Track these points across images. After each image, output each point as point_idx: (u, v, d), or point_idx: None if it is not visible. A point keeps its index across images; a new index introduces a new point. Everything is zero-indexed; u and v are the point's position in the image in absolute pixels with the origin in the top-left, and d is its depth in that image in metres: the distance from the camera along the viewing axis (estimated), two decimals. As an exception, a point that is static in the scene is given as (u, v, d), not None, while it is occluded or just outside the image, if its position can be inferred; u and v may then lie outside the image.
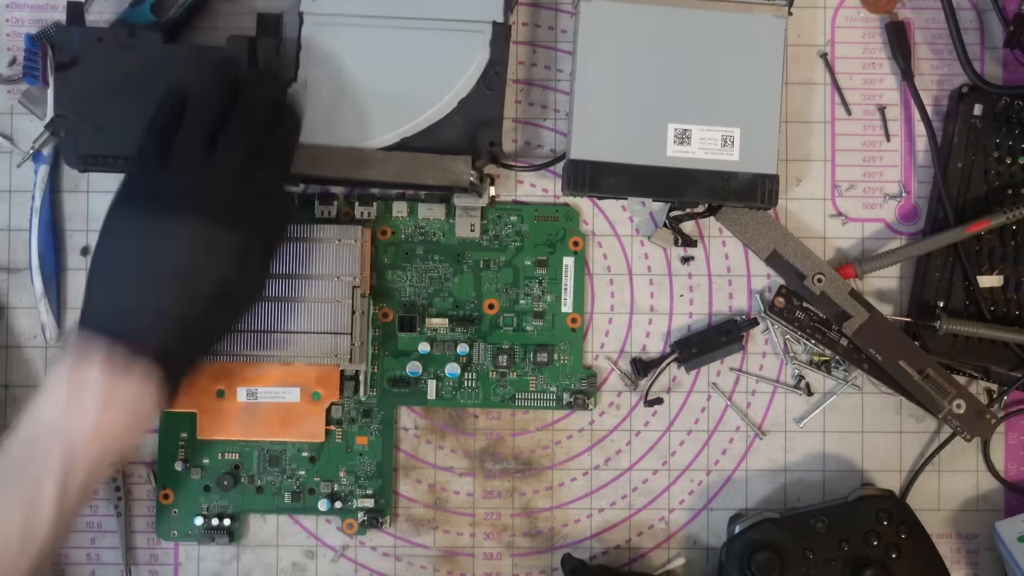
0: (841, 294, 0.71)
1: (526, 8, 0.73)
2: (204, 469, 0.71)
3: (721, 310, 0.73)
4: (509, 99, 0.73)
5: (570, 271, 0.72)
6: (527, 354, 0.72)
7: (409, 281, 0.72)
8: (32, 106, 0.71)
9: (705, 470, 0.73)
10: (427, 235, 0.72)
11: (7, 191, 0.73)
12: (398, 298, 0.72)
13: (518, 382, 0.72)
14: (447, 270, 0.72)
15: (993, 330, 0.70)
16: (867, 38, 0.74)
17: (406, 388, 0.72)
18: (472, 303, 0.72)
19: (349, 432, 0.71)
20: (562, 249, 0.72)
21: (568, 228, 0.72)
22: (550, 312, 0.72)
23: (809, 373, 0.73)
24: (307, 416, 0.70)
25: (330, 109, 0.68)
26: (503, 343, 0.72)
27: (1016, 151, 0.72)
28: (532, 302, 0.72)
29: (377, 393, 0.71)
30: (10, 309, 0.73)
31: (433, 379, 0.71)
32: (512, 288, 0.72)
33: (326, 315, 0.68)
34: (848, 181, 0.74)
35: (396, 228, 0.72)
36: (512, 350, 0.71)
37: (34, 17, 0.73)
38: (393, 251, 0.72)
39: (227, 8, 0.73)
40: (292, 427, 0.70)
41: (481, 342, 0.72)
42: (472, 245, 0.72)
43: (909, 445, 0.73)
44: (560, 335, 0.72)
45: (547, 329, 0.72)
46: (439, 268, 0.72)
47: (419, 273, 0.72)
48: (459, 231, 0.72)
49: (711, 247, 0.73)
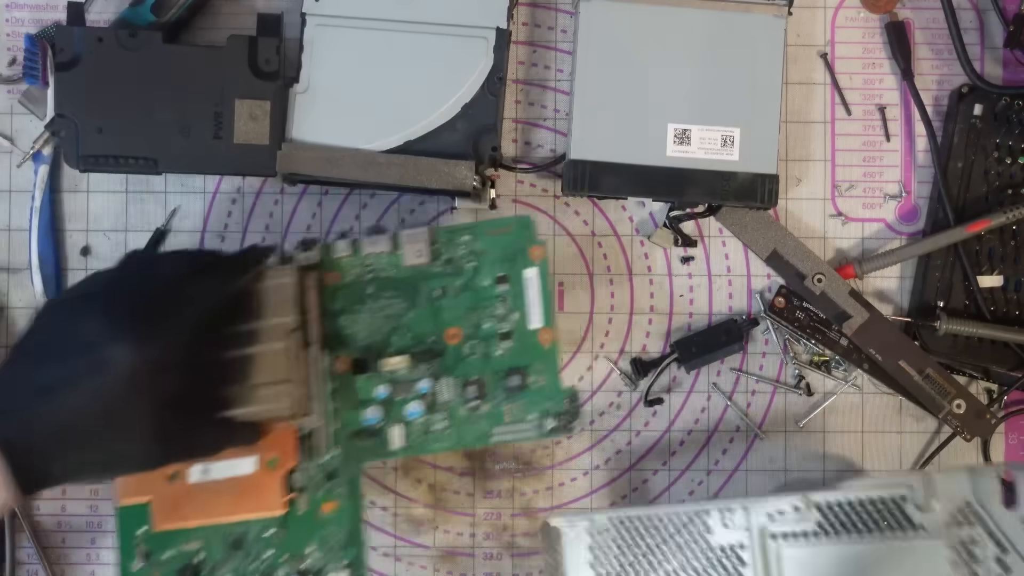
0: (841, 294, 0.71)
1: (526, 8, 0.73)
2: (164, 565, 0.64)
3: (721, 310, 0.73)
4: (509, 99, 0.73)
5: (533, 283, 0.65)
6: (499, 382, 0.64)
7: (363, 324, 0.65)
8: (32, 106, 0.71)
9: (705, 470, 0.73)
10: (376, 271, 0.66)
11: (7, 191, 0.73)
12: (354, 344, 0.65)
13: (492, 414, 0.64)
14: (401, 305, 0.65)
15: (993, 330, 0.70)
16: (867, 38, 0.74)
17: (370, 441, 0.64)
18: (432, 336, 0.65)
19: (314, 499, 0.64)
20: (522, 261, 0.65)
21: (524, 238, 0.65)
22: (518, 332, 0.65)
23: (809, 373, 0.73)
24: (264, 487, 0.63)
25: (333, 111, 0.68)
26: (471, 374, 0.64)
27: (1016, 151, 0.72)
28: (496, 323, 0.65)
29: (342, 451, 0.64)
30: (10, 309, 0.73)
31: (398, 424, 0.64)
32: (473, 312, 0.65)
33: (265, 364, 0.61)
34: (848, 181, 0.74)
35: (343, 270, 0.65)
36: (480, 380, 0.64)
37: (34, 17, 0.73)
38: (343, 295, 0.65)
39: (227, 8, 0.73)
40: (251, 500, 0.63)
41: (446, 376, 0.65)
42: (425, 274, 0.65)
43: (909, 445, 0.73)
44: (531, 354, 0.64)
45: (517, 351, 0.65)
46: (392, 304, 0.65)
47: (372, 313, 0.65)
48: (407, 260, 0.65)
49: (711, 247, 0.73)
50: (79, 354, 0.54)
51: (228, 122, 0.68)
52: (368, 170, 0.68)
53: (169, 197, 0.73)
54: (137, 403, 0.55)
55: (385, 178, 0.68)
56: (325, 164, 0.68)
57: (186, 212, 0.73)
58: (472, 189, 0.68)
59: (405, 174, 0.68)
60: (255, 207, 0.73)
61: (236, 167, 0.69)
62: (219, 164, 0.69)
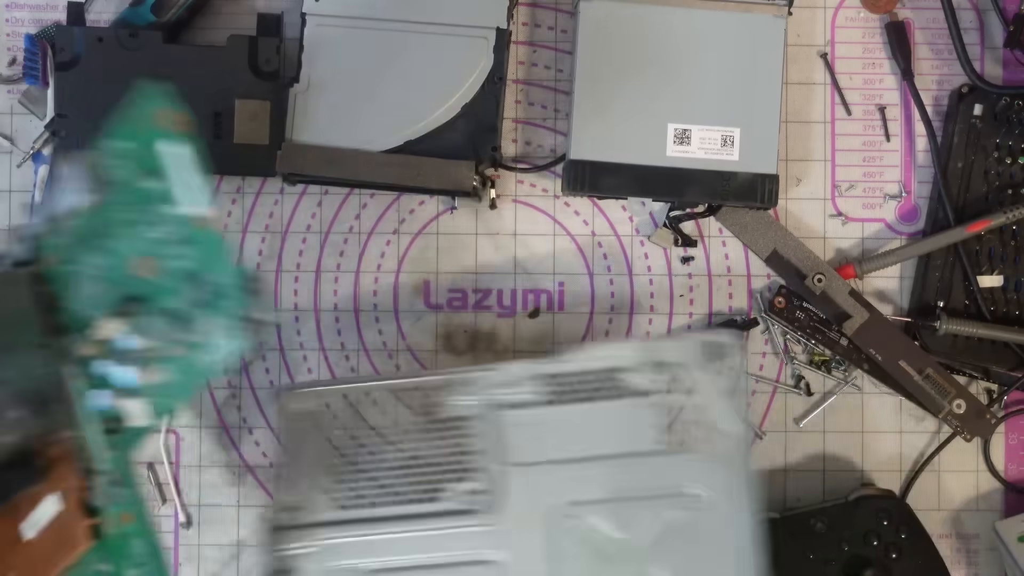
0: (841, 294, 0.71)
1: (526, 8, 0.73)
2: None
3: (721, 310, 0.73)
4: (509, 99, 0.73)
5: (180, 159, 0.52)
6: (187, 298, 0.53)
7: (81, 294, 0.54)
8: (32, 106, 0.71)
9: (705, 470, 0.73)
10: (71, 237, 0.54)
11: (7, 191, 0.73)
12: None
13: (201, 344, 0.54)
14: (95, 256, 0.53)
15: (993, 330, 0.70)
16: (867, 38, 0.74)
17: (118, 423, 0.54)
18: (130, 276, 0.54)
19: (114, 514, 0.54)
20: (159, 134, 0.52)
21: (152, 106, 0.53)
22: (182, 223, 0.53)
23: (809, 373, 0.73)
24: (68, 522, 0.53)
25: (333, 111, 0.68)
26: (170, 305, 0.53)
27: (1016, 151, 0.72)
28: (165, 227, 0.53)
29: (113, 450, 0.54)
30: (10, 309, 0.73)
31: (131, 397, 0.54)
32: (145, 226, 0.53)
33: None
34: (848, 181, 0.74)
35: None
36: (182, 312, 0.53)
37: (34, 17, 0.73)
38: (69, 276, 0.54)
39: (227, 8, 0.73)
40: (62, 545, 0.53)
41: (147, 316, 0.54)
42: (99, 213, 0.53)
43: (909, 445, 0.73)
44: (203, 248, 0.53)
45: (192, 252, 0.53)
46: (91, 260, 0.53)
47: (81, 281, 0.53)
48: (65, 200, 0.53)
49: (711, 247, 0.73)
50: None
51: (228, 122, 0.68)
52: (368, 170, 0.68)
53: (169, 197, 0.73)
54: None
55: (385, 178, 0.68)
56: (325, 164, 0.68)
57: (186, 212, 0.73)
58: (472, 189, 0.68)
59: (405, 174, 0.68)
60: (255, 207, 0.73)
61: (236, 167, 0.69)
62: (219, 164, 0.69)
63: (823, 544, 0.67)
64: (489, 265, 0.73)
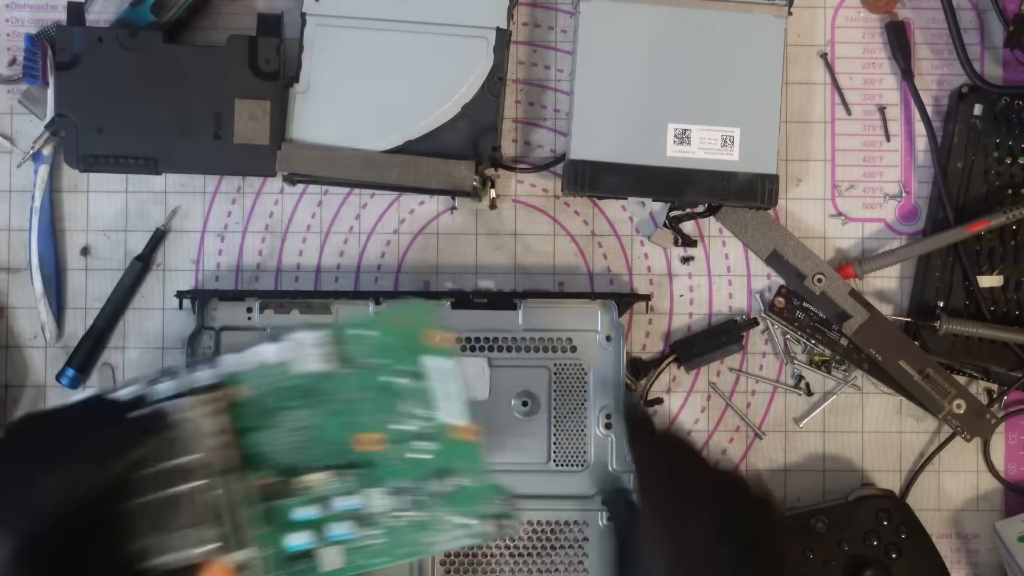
0: (841, 294, 0.71)
1: (526, 8, 0.73)
2: None
3: (721, 310, 0.73)
4: (509, 99, 0.73)
5: (439, 373, 0.57)
6: (425, 486, 0.57)
7: (274, 440, 0.57)
8: (32, 106, 0.71)
9: (705, 470, 0.73)
10: (275, 383, 0.57)
11: (7, 191, 0.73)
12: (271, 463, 0.57)
13: (425, 523, 0.57)
14: (309, 414, 0.57)
15: (993, 330, 0.70)
16: (867, 38, 0.74)
17: (304, 563, 0.56)
18: (348, 446, 0.57)
19: None
20: (425, 352, 0.58)
21: (422, 325, 0.58)
22: (437, 429, 0.57)
23: (809, 373, 0.73)
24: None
25: (333, 111, 0.68)
26: (396, 481, 0.57)
27: (1016, 151, 0.72)
28: (413, 423, 0.57)
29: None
30: (10, 309, 0.73)
31: (328, 546, 0.57)
32: (388, 414, 0.58)
33: (183, 505, 0.55)
34: (848, 181, 0.74)
35: (254, 383, 0.57)
36: (408, 488, 0.57)
37: (34, 17, 0.73)
38: (248, 413, 0.57)
39: (227, 8, 0.73)
40: None
41: (371, 488, 0.57)
42: (331, 378, 0.57)
43: (909, 445, 0.73)
44: (455, 452, 0.57)
45: (439, 450, 0.57)
46: (301, 414, 0.57)
47: (281, 427, 0.57)
48: (310, 365, 0.57)
49: (711, 247, 0.73)
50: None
51: (228, 122, 0.68)
52: (368, 170, 0.68)
53: (169, 197, 0.73)
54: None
55: (385, 178, 0.68)
56: (325, 164, 0.68)
57: (186, 212, 0.73)
58: (472, 189, 0.68)
59: (405, 174, 0.68)
60: (255, 207, 0.73)
61: (236, 167, 0.69)
62: (219, 164, 0.69)
63: (823, 544, 0.67)
64: (489, 265, 0.73)
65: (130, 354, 0.72)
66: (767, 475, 0.73)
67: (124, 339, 0.72)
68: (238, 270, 0.73)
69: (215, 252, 0.73)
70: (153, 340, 0.72)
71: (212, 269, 0.73)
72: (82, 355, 0.71)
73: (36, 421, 0.58)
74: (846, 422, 0.73)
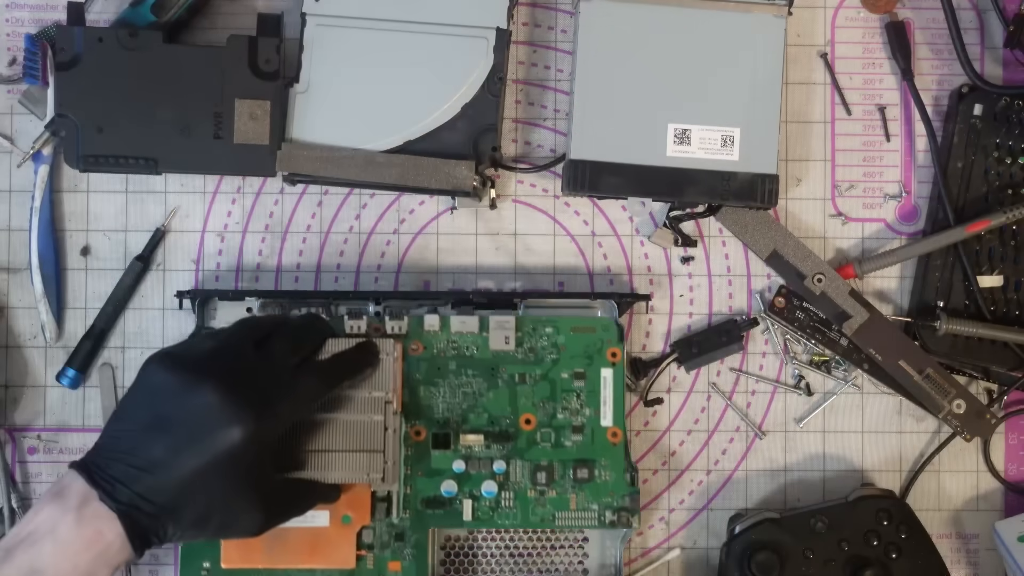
0: (841, 294, 0.71)
1: (526, 8, 0.73)
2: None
3: (721, 310, 0.73)
4: (509, 99, 0.73)
5: (608, 383, 0.69)
6: (566, 471, 0.68)
7: (442, 397, 0.68)
8: (32, 106, 0.71)
9: (705, 470, 0.73)
10: (460, 349, 0.69)
11: (7, 191, 0.73)
12: (431, 415, 0.68)
13: (558, 500, 0.68)
14: (481, 385, 0.69)
15: (993, 330, 0.70)
16: (867, 38, 0.74)
17: (440, 509, 0.68)
18: (508, 419, 0.68)
19: (381, 557, 0.67)
20: (599, 361, 0.69)
21: (606, 339, 0.69)
22: (589, 426, 0.68)
23: (809, 373, 0.73)
24: (337, 541, 0.66)
25: (333, 111, 0.68)
26: (541, 459, 0.68)
27: (1016, 151, 0.72)
28: (570, 416, 0.68)
29: (410, 515, 0.67)
30: (10, 309, 0.73)
31: (469, 499, 0.68)
32: (549, 402, 0.69)
33: (359, 432, 0.64)
34: (848, 181, 0.74)
35: (428, 343, 0.69)
36: (551, 466, 0.68)
37: (34, 17, 0.73)
38: (425, 367, 0.68)
39: (227, 8, 0.73)
40: (321, 553, 0.66)
41: (518, 459, 0.68)
42: (506, 359, 0.69)
43: (909, 445, 0.73)
44: (600, 450, 0.68)
45: (587, 444, 0.68)
46: (473, 383, 0.69)
47: (452, 389, 0.68)
48: (493, 344, 0.68)
49: (711, 247, 0.73)
50: (193, 432, 0.57)
51: (228, 122, 0.68)
52: (368, 170, 0.68)
53: (169, 197, 0.73)
54: (248, 479, 0.58)
55: (385, 178, 0.68)
56: (325, 164, 0.68)
57: (186, 212, 0.73)
58: (472, 189, 0.68)
59: (405, 174, 0.68)
60: (255, 207, 0.73)
61: (236, 167, 0.69)
62: (219, 164, 0.69)
63: (823, 544, 0.67)
64: (489, 265, 0.73)
65: (130, 354, 0.72)
66: (767, 475, 0.73)
67: (124, 339, 0.72)
68: (238, 270, 0.73)
69: (215, 252, 0.73)
70: (153, 340, 0.72)
71: (212, 269, 0.73)
72: (82, 355, 0.71)
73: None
74: (846, 422, 0.73)
